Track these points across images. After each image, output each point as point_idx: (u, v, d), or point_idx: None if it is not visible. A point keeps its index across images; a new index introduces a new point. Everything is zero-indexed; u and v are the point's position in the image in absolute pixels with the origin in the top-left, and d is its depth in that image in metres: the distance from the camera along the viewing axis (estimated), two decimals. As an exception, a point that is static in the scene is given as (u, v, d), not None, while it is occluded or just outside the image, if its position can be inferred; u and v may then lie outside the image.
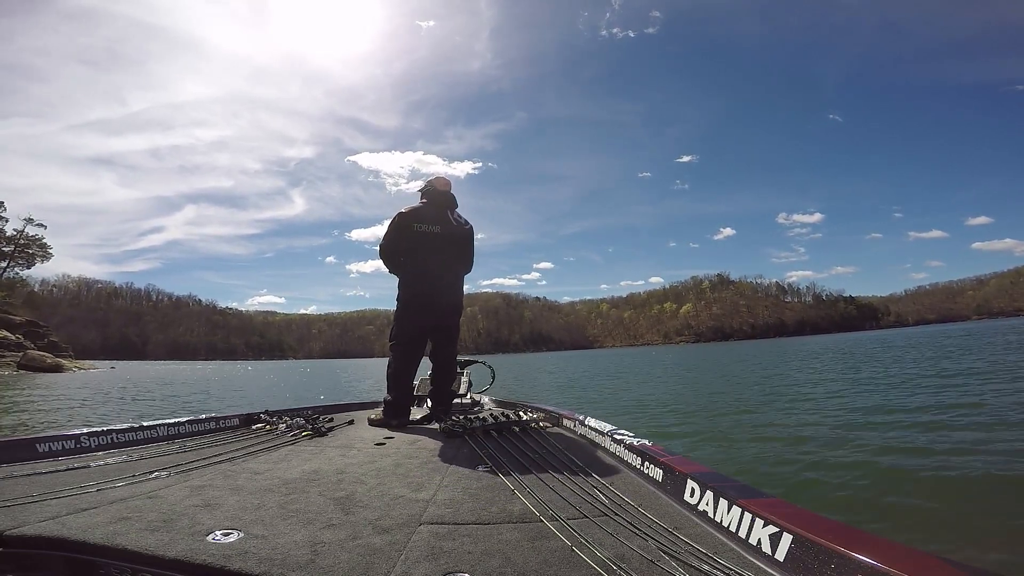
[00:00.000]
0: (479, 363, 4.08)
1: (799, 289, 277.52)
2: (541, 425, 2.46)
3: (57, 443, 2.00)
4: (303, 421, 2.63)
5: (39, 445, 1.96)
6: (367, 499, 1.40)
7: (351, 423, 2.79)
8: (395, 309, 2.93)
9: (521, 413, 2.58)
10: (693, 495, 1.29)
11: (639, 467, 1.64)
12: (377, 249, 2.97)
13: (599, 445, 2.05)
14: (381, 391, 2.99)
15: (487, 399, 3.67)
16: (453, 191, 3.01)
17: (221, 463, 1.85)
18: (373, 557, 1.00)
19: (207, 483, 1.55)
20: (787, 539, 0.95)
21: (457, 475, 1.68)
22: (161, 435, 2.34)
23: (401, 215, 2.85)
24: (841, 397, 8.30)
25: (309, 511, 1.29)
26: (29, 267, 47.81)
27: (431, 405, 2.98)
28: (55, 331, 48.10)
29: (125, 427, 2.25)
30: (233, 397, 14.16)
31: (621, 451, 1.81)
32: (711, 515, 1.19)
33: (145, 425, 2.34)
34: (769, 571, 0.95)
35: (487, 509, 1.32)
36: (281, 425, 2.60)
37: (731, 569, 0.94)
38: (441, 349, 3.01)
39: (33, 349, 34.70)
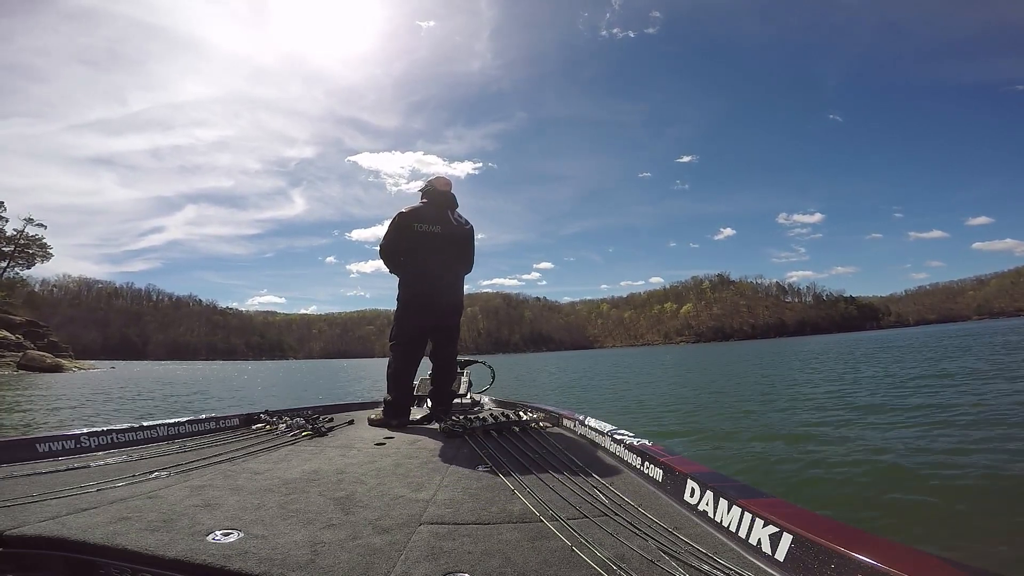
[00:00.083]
0: (479, 363, 4.08)
1: (799, 289, 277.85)
2: (541, 425, 2.46)
3: (57, 443, 2.00)
4: (303, 421, 2.63)
5: (39, 445, 1.96)
6: (367, 499, 1.40)
7: (351, 423, 2.79)
8: (395, 309, 2.93)
9: (521, 413, 2.58)
10: (693, 495, 1.29)
11: (639, 467, 1.63)
12: (377, 249, 2.97)
13: (599, 445, 2.05)
14: (379, 391, 2.99)
15: (487, 399, 3.67)
16: (453, 191, 3.01)
17: (221, 463, 1.85)
18: (373, 557, 1.00)
19: (207, 483, 1.55)
20: (787, 539, 0.95)
21: (457, 475, 1.68)
22: (161, 435, 2.34)
23: (401, 215, 2.85)
24: (842, 397, 8.29)
25: (309, 511, 1.28)
26: (29, 267, 48.00)
27: (431, 405, 2.98)
28: (55, 331, 48.14)
29: (125, 427, 2.25)
30: (233, 397, 14.16)
31: (621, 451, 1.81)
32: (711, 515, 1.19)
33: (145, 425, 2.34)
34: (769, 571, 0.95)
35: (487, 509, 1.32)
36: (281, 425, 2.60)
37: (731, 569, 0.94)
38: (441, 349, 3.01)
39: (33, 349, 34.73)
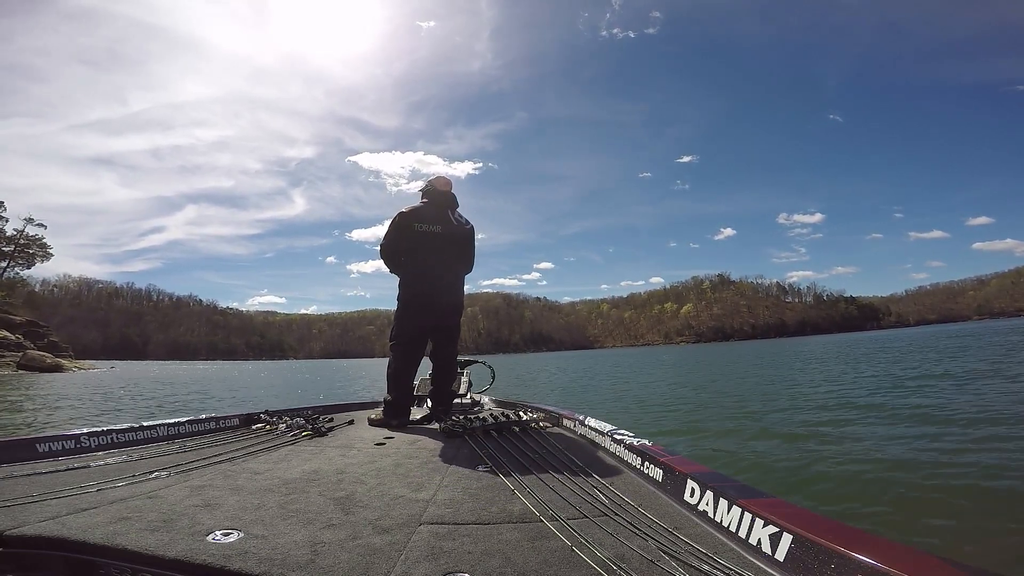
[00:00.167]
0: (479, 363, 4.08)
1: (800, 289, 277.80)
2: (541, 425, 2.46)
3: (57, 443, 2.00)
4: (303, 421, 2.63)
5: (39, 445, 1.96)
6: (367, 499, 1.40)
7: (351, 423, 2.79)
8: (395, 309, 2.93)
9: (521, 413, 2.58)
10: (693, 495, 1.29)
11: (639, 467, 1.63)
12: (378, 249, 2.97)
13: (599, 445, 2.05)
14: (379, 390, 2.99)
15: (487, 399, 3.67)
16: (454, 191, 3.01)
17: (221, 463, 1.84)
18: (373, 557, 1.00)
19: (207, 483, 1.55)
20: (787, 539, 0.95)
21: (457, 475, 1.68)
22: (161, 435, 2.34)
23: (402, 215, 2.85)
24: (842, 396, 8.29)
25: (309, 511, 1.28)
26: (29, 267, 48.04)
27: (431, 405, 2.98)
28: (56, 331, 48.17)
29: (125, 427, 2.25)
30: (233, 397, 14.16)
31: (621, 451, 1.81)
32: (711, 515, 1.18)
33: (145, 425, 2.34)
34: (769, 571, 0.95)
35: (487, 509, 1.32)
36: (281, 425, 2.60)
37: (731, 569, 0.94)
38: (441, 349, 3.01)
39: (33, 349, 34.74)
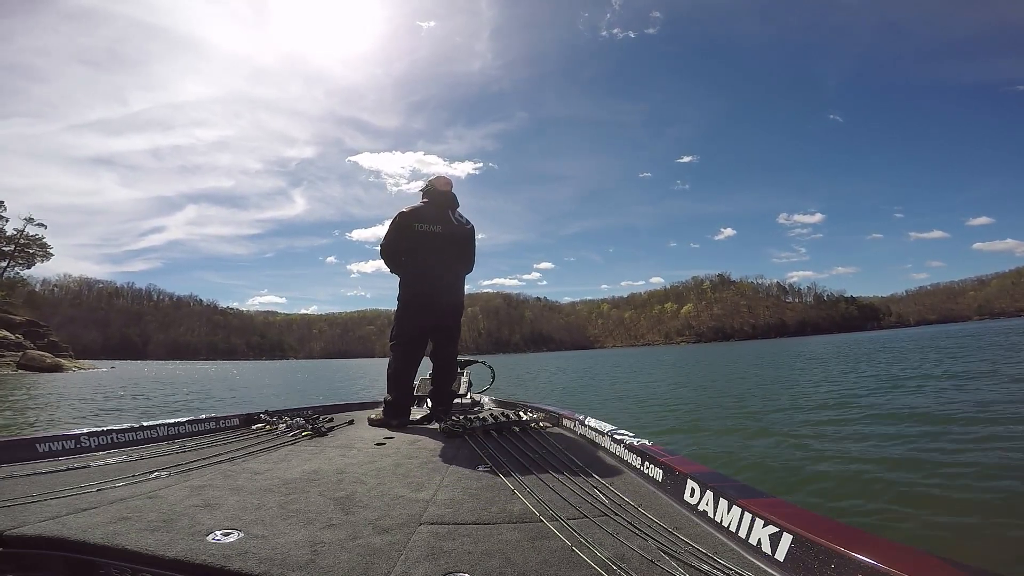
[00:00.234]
0: (479, 363, 4.08)
1: (800, 289, 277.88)
2: (541, 425, 2.45)
3: (57, 443, 2.00)
4: (303, 421, 2.62)
5: (39, 445, 1.96)
6: (367, 499, 1.40)
7: (351, 423, 2.79)
8: (395, 309, 2.93)
9: (521, 413, 2.58)
10: (693, 495, 1.29)
11: (639, 467, 1.63)
12: (378, 249, 2.97)
13: (599, 445, 2.05)
14: (379, 390, 2.99)
15: (487, 399, 3.67)
16: (454, 191, 3.01)
17: (221, 463, 1.84)
18: (373, 557, 1.00)
19: (207, 483, 1.55)
20: (787, 539, 0.95)
21: (457, 475, 1.68)
22: (161, 435, 2.34)
23: (402, 215, 2.85)
24: (842, 396, 8.29)
25: (309, 511, 1.28)
26: (29, 267, 48.04)
27: (431, 405, 2.98)
28: (56, 331, 48.18)
29: (125, 427, 2.25)
30: (233, 397, 14.16)
31: (621, 451, 1.81)
32: (711, 515, 1.18)
33: (145, 425, 2.34)
34: (769, 571, 0.95)
35: (487, 509, 1.32)
36: (281, 425, 2.59)
37: (731, 569, 0.94)
38: (441, 349, 3.00)
39: (33, 349, 34.75)
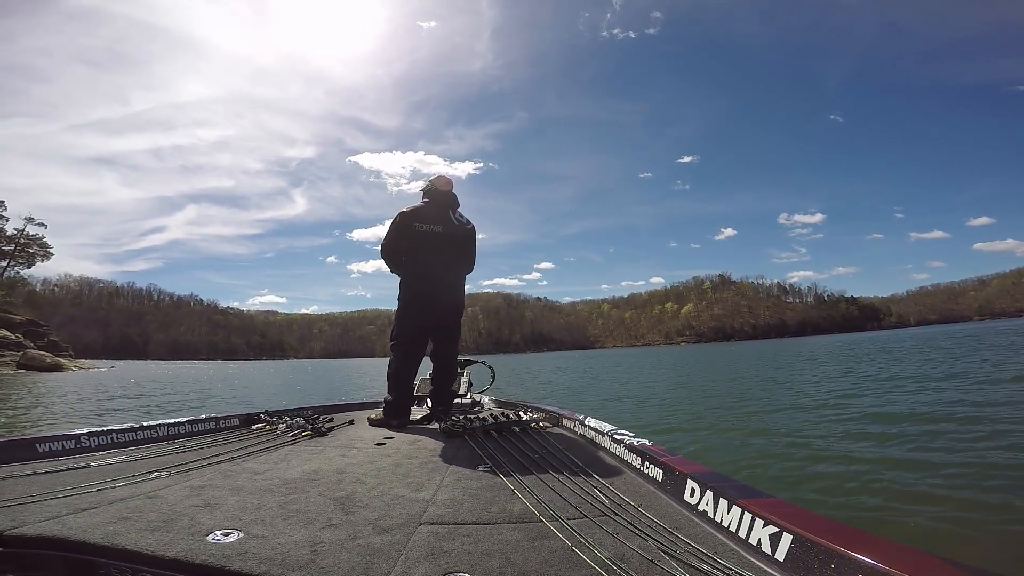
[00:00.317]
0: (479, 363, 4.08)
1: (800, 289, 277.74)
2: (541, 425, 2.46)
3: (57, 443, 2.00)
4: (303, 421, 2.63)
5: (39, 445, 1.96)
6: (367, 499, 1.40)
7: (351, 423, 2.79)
8: (396, 309, 2.93)
9: (521, 413, 2.58)
10: (693, 495, 1.29)
11: (639, 467, 1.63)
12: (378, 249, 2.97)
13: (599, 445, 2.05)
14: (376, 390, 2.98)
15: (487, 399, 3.67)
16: (454, 191, 3.01)
17: (221, 463, 1.85)
18: (373, 557, 1.00)
19: (207, 483, 1.55)
20: (787, 539, 0.95)
21: (457, 475, 1.68)
22: (161, 435, 2.34)
23: (403, 215, 2.85)
24: (842, 396, 8.29)
25: (309, 511, 1.28)
26: (30, 266, 48.09)
27: (431, 405, 2.98)
28: (56, 330, 48.23)
29: (125, 427, 2.25)
30: (233, 397, 14.16)
31: (621, 451, 1.81)
32: (711, 515, 1.19)
33: (145, 425, 2.34)
34: (769, 571, 0.95)
35: (487, 509, 1.32)
36: (281, 425, 2.60)
37: (731, 569, 0.94)
38: (442, 349, 3.00)
39: (33, 348, 34.78)
